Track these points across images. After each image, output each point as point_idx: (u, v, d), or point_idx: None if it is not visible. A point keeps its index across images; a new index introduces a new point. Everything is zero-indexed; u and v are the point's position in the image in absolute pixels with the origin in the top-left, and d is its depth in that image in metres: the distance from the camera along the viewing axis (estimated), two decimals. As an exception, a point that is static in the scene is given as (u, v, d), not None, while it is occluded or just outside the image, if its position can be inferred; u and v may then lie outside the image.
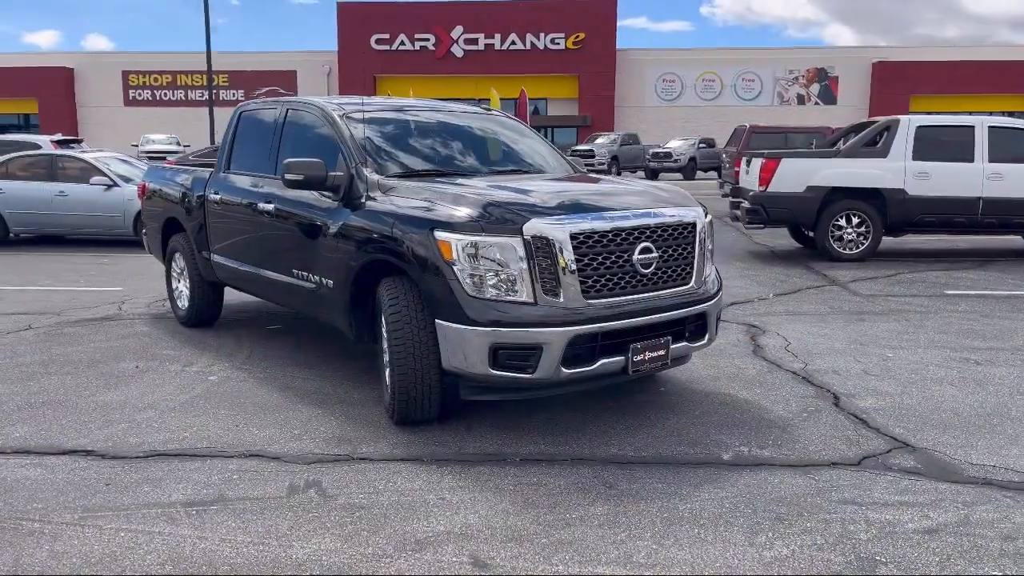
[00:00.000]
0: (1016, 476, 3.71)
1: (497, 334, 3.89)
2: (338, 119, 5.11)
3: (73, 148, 17.12)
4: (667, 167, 32.96)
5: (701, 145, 33.34)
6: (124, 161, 13.39)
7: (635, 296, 4.16)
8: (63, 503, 3.46)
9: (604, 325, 4.03)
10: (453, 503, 3.45)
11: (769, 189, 10.71)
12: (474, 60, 40.89)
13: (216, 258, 6.26)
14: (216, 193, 6.14)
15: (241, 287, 6.22)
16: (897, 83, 40.60)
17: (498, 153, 5.50)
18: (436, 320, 4.03)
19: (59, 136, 18.99)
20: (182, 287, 6.93)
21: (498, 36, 40.78)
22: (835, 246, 10.62)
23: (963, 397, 4.89)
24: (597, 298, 4.04)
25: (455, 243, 3.94)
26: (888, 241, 11.47)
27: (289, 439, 4.22)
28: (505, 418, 4.48)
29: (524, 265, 3.92)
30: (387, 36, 40.93)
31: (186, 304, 6.86)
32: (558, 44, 40.91)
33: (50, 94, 43.15)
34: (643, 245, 4.18)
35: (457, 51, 41.11)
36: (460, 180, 4.71)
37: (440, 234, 3.99)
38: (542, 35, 40.75)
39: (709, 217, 4.84)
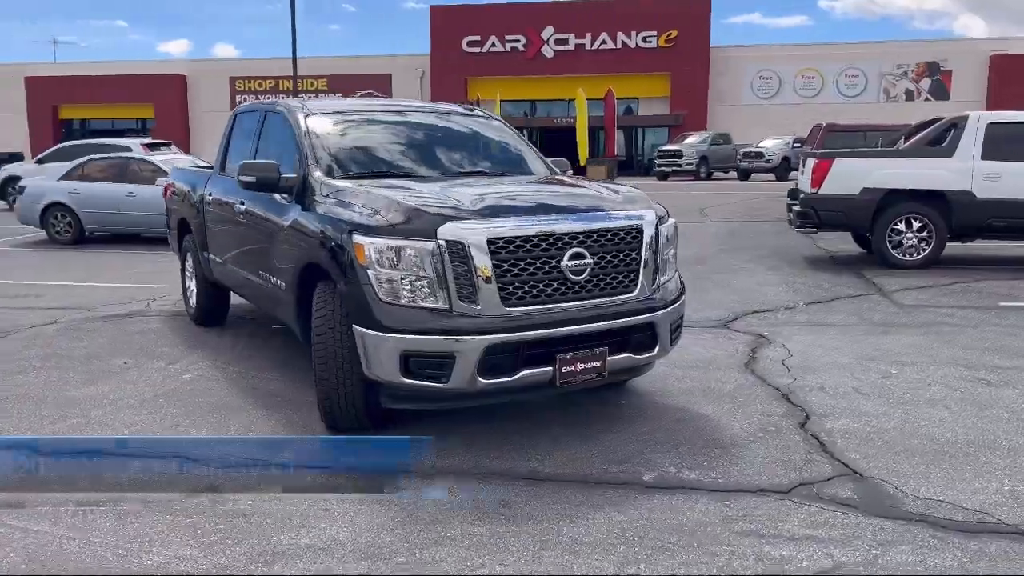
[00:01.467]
0: (961, 514, 3.31)
1: (407, 341, 3.77)
2: (300, 121, 5.10)
3: (161, 151, 17.96)
4: (758, 167, 31.86)
5: (795, 144, 31.96)
6: (195, 164, 13.93)
7: (565, 304, 3.96)
8: (-29, 496, 3.57)
9: (526, 334, 3.85)
10: (334, 515, 3.36)
11: (821, 191, 10.11)
12: (564, 60, 40.64)
13: (212, 257, 6.39)
14: (210, 194, 6.27)
15: (231, 288, 6.32)
16: (1019, 77, 37.83)
17: (466, 155, 5.36)
18: (354, 325, 3.95)
19: (149, 139, 19.99)
20: (193, 286, 7.11)
21: (589, 36, 40.39)
22: (893, 252, 9.92)
23: (952, 421, 4.44)
24: (519, 305, 3.86)
25: (368, 247, 3.85)
26: (959, 247, 10.65)
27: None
28: (443, 427, 4.35)
29: (439, 270, 3.79)
30: (478, 38, 41.21)
31: (194, 302, 7.04)
32: (650, 42, 40.16)
33: (165, 99, 45.55)
34: (574, 251, 3.96)
35: (547, 52, 40.96)
36: (410, 183, 4.60)
37: (357, 238, 3.91)
38: (633, 34, 40.10)
39: (670, 222, 4.58)
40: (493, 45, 41.30)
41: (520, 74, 41.04)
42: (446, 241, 3.78)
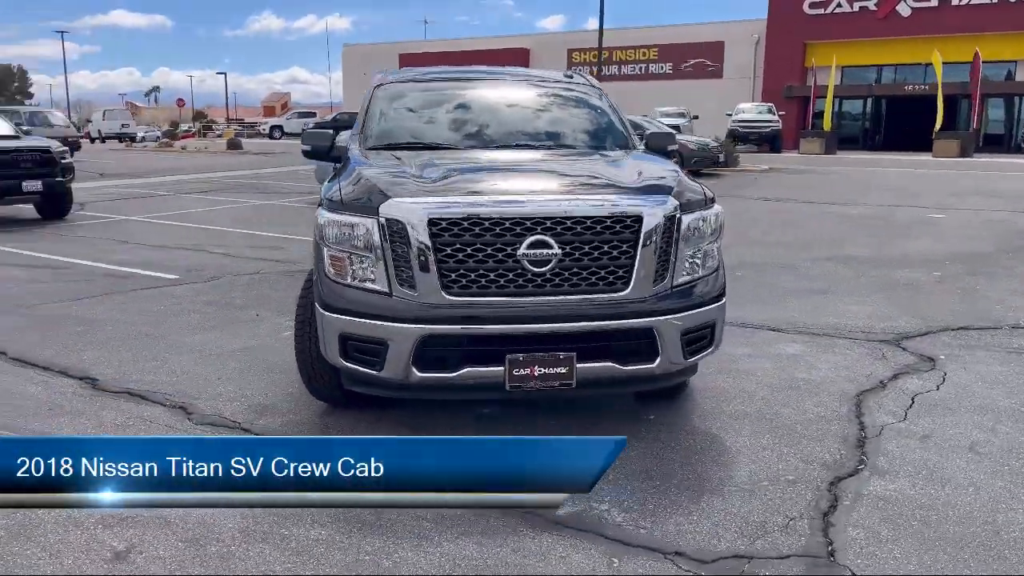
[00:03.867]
0: (906, 648, 2.32)
1: (344, 323, 3.59)
2: (370, 90, 5.07)
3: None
4: None
5: None
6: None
7: (521, 299, 3.47)
8: (-7, 417, 4.12)
9: (467, 328, 3.46)
10: (220, 490, 3.32)
11: None
12: (922, 19, 35.62)
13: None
14: (346, 162, 6.53)
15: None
16: None
17: (529, 127, 4.87)
18: (314, 302, 3.85)
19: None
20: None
21: (958, -12, 35.02)
22: None
23: (1066, 512, 3.13)
24: (463, 295, 3.47)
25: (323, 221, 3.72)
26: None
27: (227, 399, 4.42)
28: (423, 417, 4.10)
29: (380, 250, 3.53)
30: (822, -1, 37.88)
31: (352, 264, 7.43)
32: (1040, -7, 33.68)
33: (508, 72, 48.78)
34: (535, 239, 3.44)
35: (903, 10, 36.20)
36: (428, 156, 4.32)
37: (318, 211, 3.80)
38: (1019, -17, 33.93)
39: (710, 211, 3.82)
40: (839, 6, 37.61)
41: (867, 36, 36.92)
42: (387, 219, 3.50)
